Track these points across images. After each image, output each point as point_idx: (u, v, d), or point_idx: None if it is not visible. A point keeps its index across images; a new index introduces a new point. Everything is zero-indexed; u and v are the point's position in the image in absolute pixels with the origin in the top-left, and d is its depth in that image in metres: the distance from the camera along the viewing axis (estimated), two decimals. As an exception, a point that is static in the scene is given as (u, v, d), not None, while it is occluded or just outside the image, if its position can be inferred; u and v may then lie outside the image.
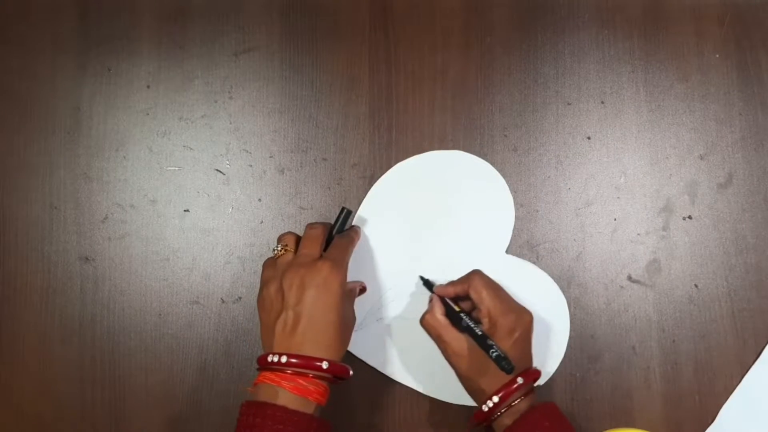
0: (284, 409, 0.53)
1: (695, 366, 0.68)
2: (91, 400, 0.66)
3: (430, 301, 0.63)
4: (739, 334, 0.68)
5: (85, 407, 0.66)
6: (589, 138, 0.71)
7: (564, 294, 0.68)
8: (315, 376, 0.55)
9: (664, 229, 0.70)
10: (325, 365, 0.55)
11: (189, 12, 0.71)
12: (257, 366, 0.57)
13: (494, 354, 0.57)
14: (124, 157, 0.70)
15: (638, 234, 0.70)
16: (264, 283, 0.59)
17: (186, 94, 0.71)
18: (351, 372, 0.57)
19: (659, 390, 0.67)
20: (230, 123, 0.70)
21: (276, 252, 0.60)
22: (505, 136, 0.70)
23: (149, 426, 0.66)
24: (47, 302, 0.68)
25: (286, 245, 0.60)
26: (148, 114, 0.70)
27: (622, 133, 0.71)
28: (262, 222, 0.69)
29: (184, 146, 0.70)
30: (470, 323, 0.60)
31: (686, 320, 0.68)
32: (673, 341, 0.68)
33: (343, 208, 0.64)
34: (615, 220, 0.70)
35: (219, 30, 0.71)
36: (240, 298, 0.68)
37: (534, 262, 0.69)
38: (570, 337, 0.68)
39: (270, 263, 0.60)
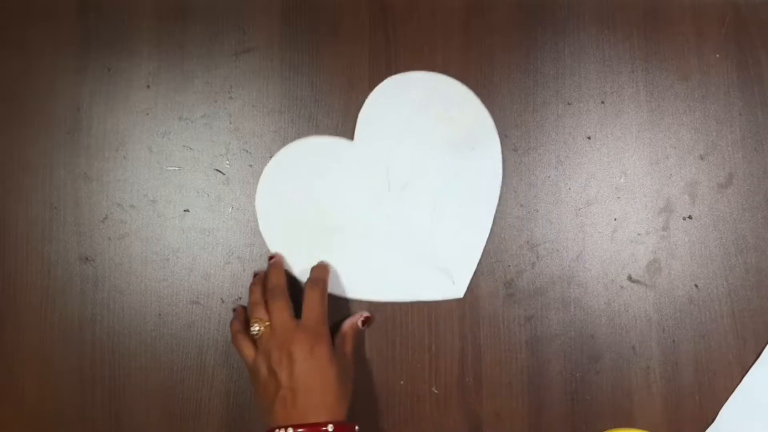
0: None
1: (695, 366, 0.68)
2: (91, 400, 0.66)
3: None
4: (739, 334, 0.68)
5: (85, 407, 0.66)
6: (589, 138, 0.71)
7: (564, 294, 0.68)
8: None
9: (664, 229, 0.70)
10: (330, 428, 0.56)
11: (189, 12, 0.71)
12: None
13: None
14: (124, 157, 0.70)
15: (638, 234, 0.70)
16: (252, 365, 0.60)
17: (186, 94, 0.70)
18: (357, 428, 0.59)
19: (659, 390, 0.67)
20: (230, 123, 0.70)
21: (254, 332, 0.61)
22: (505, 136, 0.70)
23: (149, 426, 0.66)
24: (47, 302, 0.68)
25: (261, 319, 0.61)
26: (148, 114, 0.70)
27: (622, 133, 0.71)
28: (262, 222, 0.69)
29: (184, 146, 0.70)
30: None
31: (686, 320, 0.68)
32: (673, 341, 0.68)
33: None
34: (615, 220, 0.70)
35: (219, 30, 0.71)
36: (240, 298, 0.68)
37: (534, 263, 0.69)
38: (570, 338, 0.68)
39: (247, 344, 0.62)
